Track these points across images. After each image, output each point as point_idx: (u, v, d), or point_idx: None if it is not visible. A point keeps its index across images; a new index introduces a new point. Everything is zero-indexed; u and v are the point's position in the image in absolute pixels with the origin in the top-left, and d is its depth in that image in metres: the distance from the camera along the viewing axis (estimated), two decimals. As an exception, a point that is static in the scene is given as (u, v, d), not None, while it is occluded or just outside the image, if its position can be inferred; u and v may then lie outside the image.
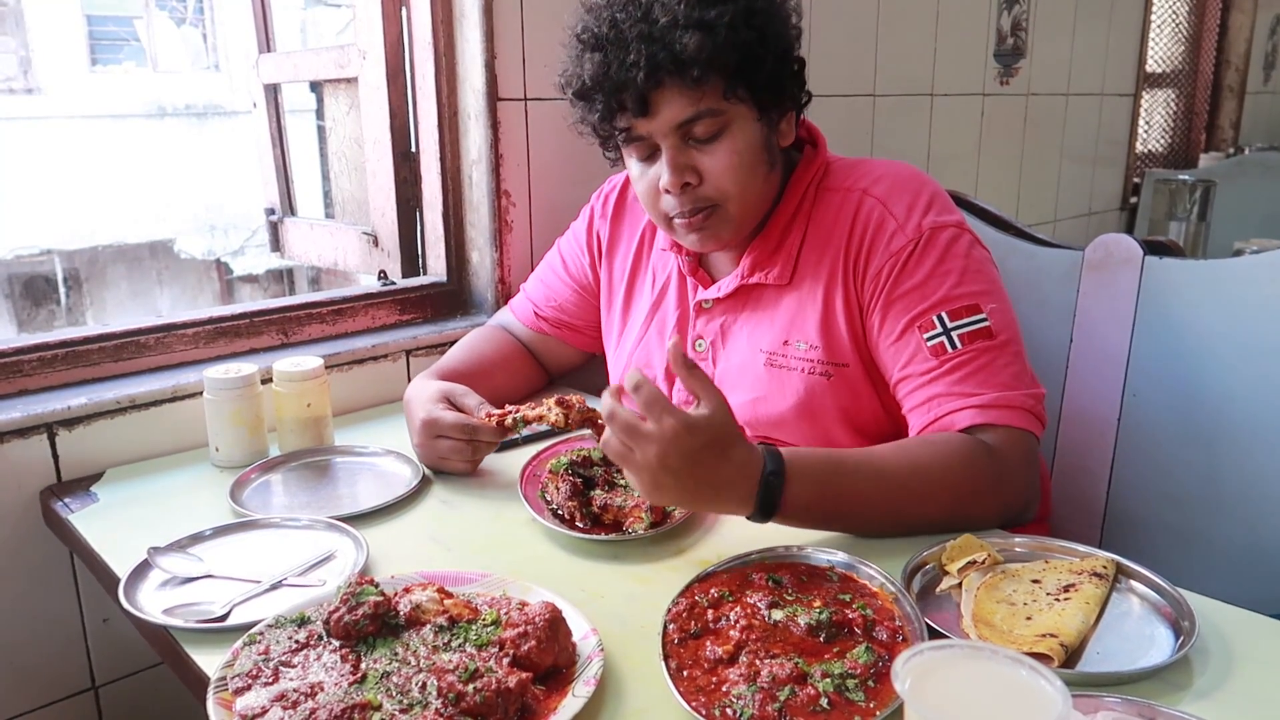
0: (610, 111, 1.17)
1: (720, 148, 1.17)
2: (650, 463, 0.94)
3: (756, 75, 1.15)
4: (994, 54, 2.82)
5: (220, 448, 1.34)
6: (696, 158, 1.18)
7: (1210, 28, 4.21)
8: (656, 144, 1.19)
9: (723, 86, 1.14)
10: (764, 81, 1.16)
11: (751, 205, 1.23)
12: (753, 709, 0.76)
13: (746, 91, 1.16)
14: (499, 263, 1.74)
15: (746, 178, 1.20)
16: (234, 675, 0.81)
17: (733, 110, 1.16)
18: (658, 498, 0.98)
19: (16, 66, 10.30)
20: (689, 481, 0.95)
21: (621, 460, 0.97)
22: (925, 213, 1.19)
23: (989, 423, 1.10)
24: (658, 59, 1.10)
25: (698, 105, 1.14)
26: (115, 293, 10.00)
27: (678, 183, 1.18)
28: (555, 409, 1.17)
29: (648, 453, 0.94)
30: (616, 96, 1.15)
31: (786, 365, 1.26)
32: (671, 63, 1.10)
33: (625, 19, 1.13)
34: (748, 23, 1.12)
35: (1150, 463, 1.51)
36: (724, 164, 1.17)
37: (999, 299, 1.17)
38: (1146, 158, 4.14)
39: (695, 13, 1.11)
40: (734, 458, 0.97)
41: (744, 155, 1.18)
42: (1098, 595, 0.92)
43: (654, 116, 1.15)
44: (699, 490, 0.97)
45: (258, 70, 2.25)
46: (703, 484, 0.97)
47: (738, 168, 1.18)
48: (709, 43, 1.10)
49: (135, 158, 9.93)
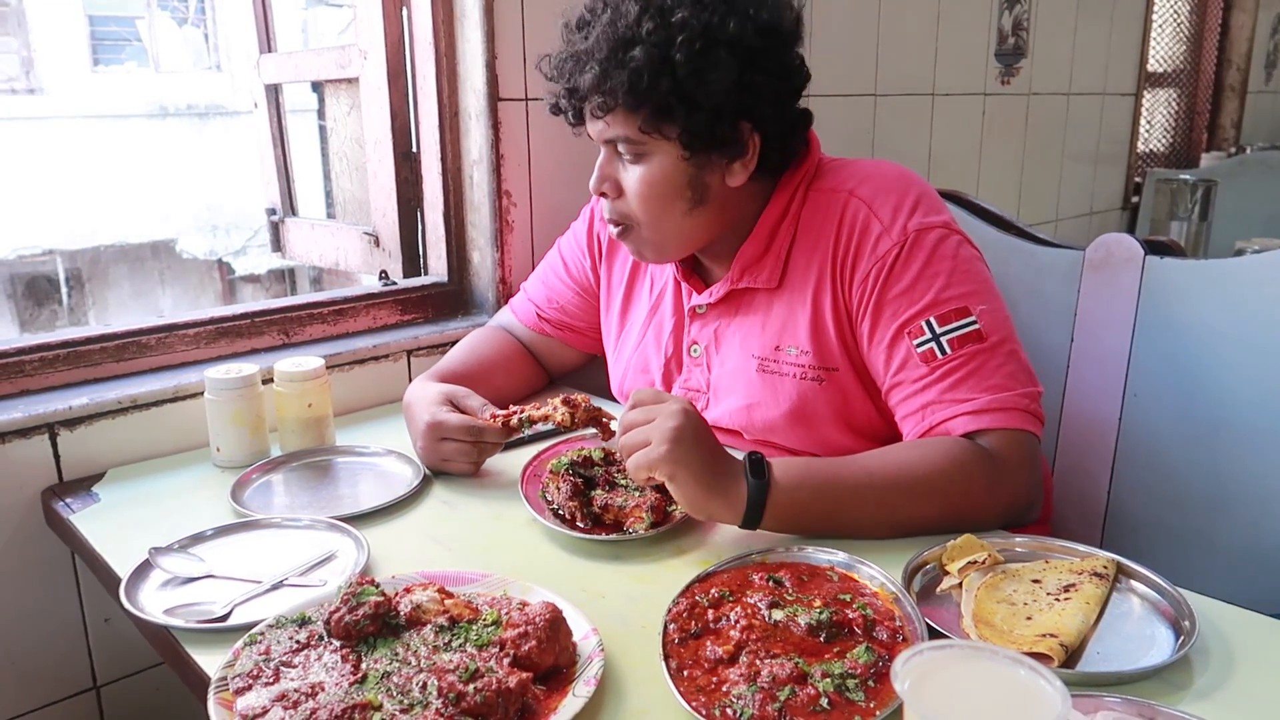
0: (556, 108, 1.24)
1: (635, 171, 1.20)
2: (673, 424, 1.01)
3: (673, 120, 1.15)
4: (995, 53, 2.82)
5: (221, 448, 1.34)
6: (620, 172, 1.22)
7: (1212, 27, 4.20)
8: None
9: (637, 122, 1.16)
10: (685, 127, 1.15)
11: (667, 236, 1.24)
12: (753, 709, 0.76)
13: (673, 130, 1.16)
14: (500, 263, 1.74)
15: (657, 209, 1.21)
16: (235, 675, 0.81)
17: (652, 143, 1.18)
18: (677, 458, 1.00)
19: (18, 66, 10.31)
20: (704, 449, 1.02)
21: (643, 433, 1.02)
22: (911, 214, 1.18)
23: (984, 427, 1.10)
24: (576, 79, 1.17)
25: (613, 129, 1.18)
26: (117, 293, 10.01)
27: (596, 186, 1.24)
28: (561, 408, 1.17)
29: (669, 410, 1.02)
30: (555, 101, 1.23)
31: (778, 371, 1.25)
32: (579, 90, 1.17)
33: (574, 33, 1.20)
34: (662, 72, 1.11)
35: (1151, 463, 1.51)
36: (634, 189, 1.21)
37: (989, 298, 1.16)
38: (1148, 157, 4.14)
39: (608, 50, 1.13)
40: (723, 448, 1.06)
41: (655, 187, 1.20)
42: (1098, 595, 0.92)
43: (588, 124, 1.22)
44: (707, 463, 1.02)
45: (259, 70, 2.25)
46: (710, 455, 1.03)
47: (646, 197, 1.20)
48: (605, 81, 1.14)
49: (137, 158, 9.94)
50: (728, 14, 1.13)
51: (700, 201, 1.22)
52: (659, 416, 1.03)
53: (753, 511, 1.02)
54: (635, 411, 1.05)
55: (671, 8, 1.13)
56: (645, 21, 1.12)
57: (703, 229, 1.25)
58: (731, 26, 1.12)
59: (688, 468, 1.01)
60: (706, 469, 1.02)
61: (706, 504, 1.03)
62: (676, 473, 1.01)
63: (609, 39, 1.13)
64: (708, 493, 1.02)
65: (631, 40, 1.12)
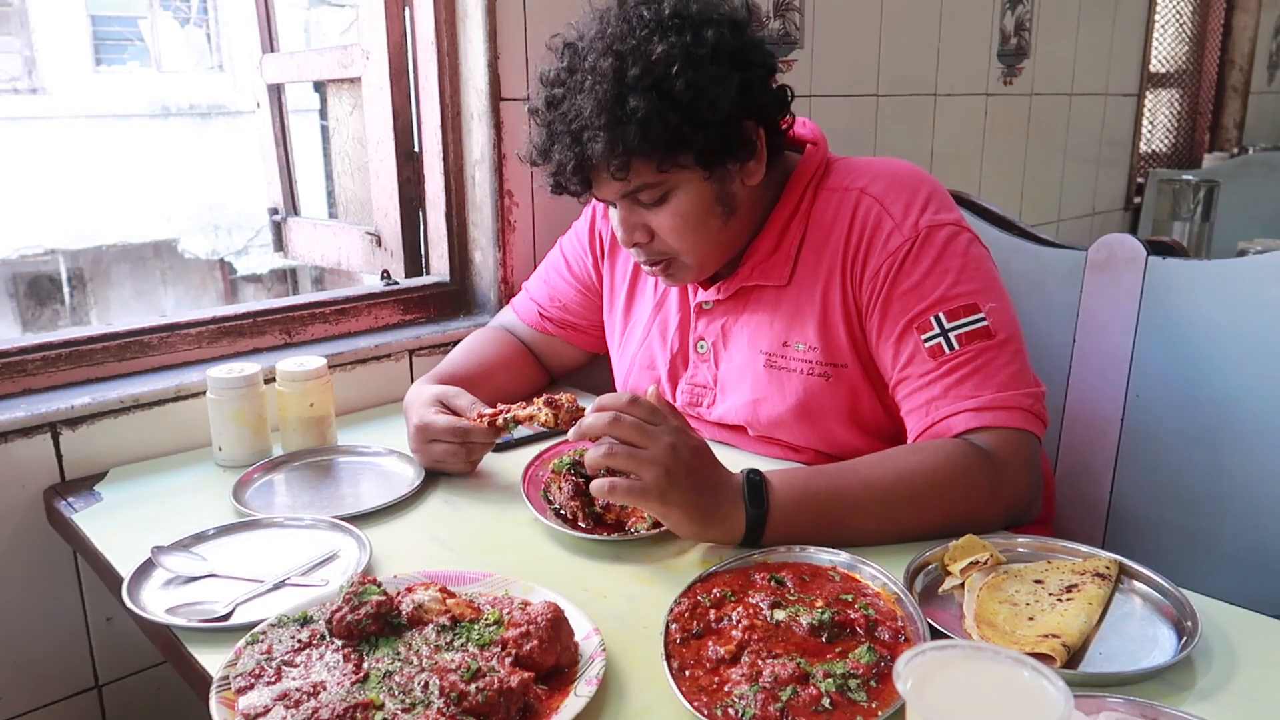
0: (557, 187, 1.20)
1: (665, 211, 1.19)
2: (664, 454, 0.97)
3: (690, 148, 1.13)
4: (997, 54, 2.82)
5: (223, 447, 1.34)
6: (647, 217, 1.20)
7: (1214, 28, 4.20)
8: None
9: (655, 164, 1.14)
10: (701, 148, 1.14)
11: (709, 255, 1.25)
12: (754, 709, 0.76)
13: (689, 158, 1.15)
14: (502, 263, 1.74)
15: (695, 236, 1.21)
16: (237, 674, 0.81)
17: (674, 178, 1.16)
18: (668, 495, 0.97)
19: (21, 66, 10.33)
20: (698, 478, 0.99)
21: (630, 461, 0.97)
22: (923, 211, 1.18)
23: (986, 425, 1.10)
24: (581, 158, 1.13)
25: (629, 185, 1.16)
26: (119, 292, 10.02)
27: (628, 241, 1.23)
28: (544, 409, 1.17)
29: (660, 443, 0.97)
30: (557, 179, 1.19)
31: (786, 366, 1.25)
32: (591, 160, 1.13)
33: (557, 103, 1.16)
34: (671, 106, 1.10)
35: (1153, 463, 1.51)
36: (669, 225, 1.20)
37: (998, 297, 1.17)
38: (1150, 158, 4.14)
39: (607, 114, 1.10)
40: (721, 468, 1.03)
41: (690, 216, 1.19)
42: (1100, 595, 0.92)
43: (599, 189, 1.19)
44: (702, 494, 0.99)
45: (261, 70, 2.25)
46: (705, 485, 1.00)
47: (683, 229, 1.20)
48: (619, 144, 1.10)
49: (139, 158, 9.95)
50: (698, 27, 1.12)
51: (731, 213, 1.23)
52: (650, 444, 0.97)
53: (751, 536, 1.02)
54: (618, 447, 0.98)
55: (643, 48, 1.10)
56: (629, 70, 1.10)
57: (739, 235, 1.26)
58: (709, 36, 1.12)
59: (679, 504, 0.98)
60: (700, 502, 0.99)
61: (700, 534, 1.03)
62: (667, 510, 0.99)
63: (600, 101, 1.10)
64: (701, 525, 1.01)
65: (623, 93, 1.10)
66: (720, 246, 1.25)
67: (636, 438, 0.98)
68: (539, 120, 1.19)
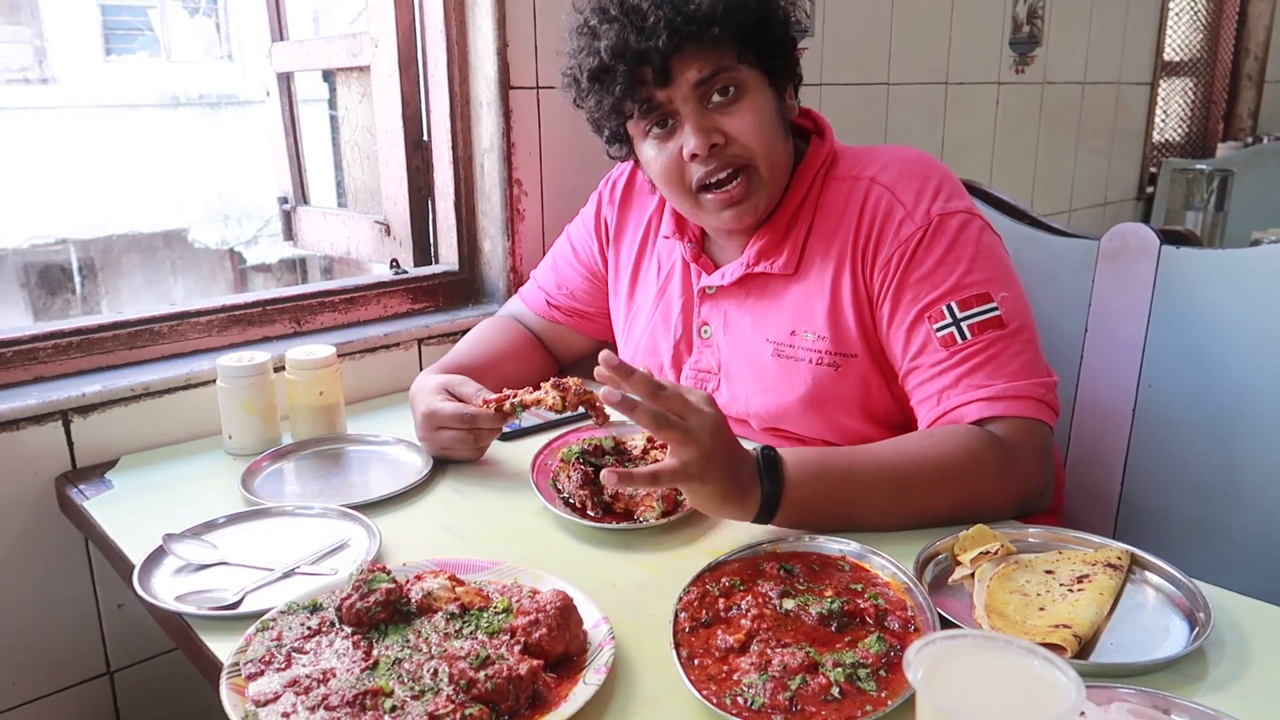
0: (631, 83, 1.16)
1: (741, 107, 1.18)
2: (707, 432, 0.96)
3: (765, 40, 1.17)
4: (1009, 42, 2.80)
5: (233, 435, 1.34)
6: (719, 120, 1.18)
7: (1229, 16, 4.16)
8: (675, 113, 1.18)
9: (736, 50, 1.16)
10: (771, 48, 1.18)
11: (779, 168, 1.23)
12: (764, 698, 0.76)
13: (756, 58, 1.17)
14: (511, 251, 1.74)
15: (771, 137, 1.20)
16: (247, 661, 0.82)
17: (746, 73, 1.18)
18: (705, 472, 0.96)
19: (31, 56, 10.35)
20: (730, 456, 0.99)
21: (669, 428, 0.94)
22: (934, 199, 1.18)
23: (998, 415, 1.09)
24: (676, 21, 1.12)
25: (716, 64, 1.15)
26: (130, 282, 10.05)
27: (705, 144, 1.17)
28: (552, 392, 1.17)
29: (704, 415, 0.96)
30: (637, 66, 1.15)
31: (794, 356, 1.25)
32: (690, 23, 1.12)
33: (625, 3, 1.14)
34: None
35: (1165, 454, 1.50)
36: (748, 122, 1.18)
37: (1010, 285, 1.16)
38: (1163, 147, 4.11)
39: None
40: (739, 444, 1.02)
41: (764, 115, 1.19)
42: (1112, 586, 0.92)
43: (674, 82, 1.16)
44: (732, 472, 0.99)
45: (271, 59, 2.25)
46: (734, 464, 0.99)
47: (760, 126, 1.19)
48: (722, 2, 1.12)
49: (149, 147, 9.96)
50: None
51: (787, 135, 1.24)
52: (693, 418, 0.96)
53: (765, 512, 1.02)
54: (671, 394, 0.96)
55: None
56: None
57: (789, 165, 1.26)
58: None
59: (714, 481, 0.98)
60: (729, 478, 0.98)
61: (719, 509, 1.02)
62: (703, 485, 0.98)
63: None
64: (725, 499, 1.00)
65: None
66: (788, 165, 1.25)
67: (679, 408, 0.96)
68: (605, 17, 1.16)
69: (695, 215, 1.27)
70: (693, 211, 1.26)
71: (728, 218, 1.22)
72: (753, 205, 1.22)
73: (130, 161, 9.76)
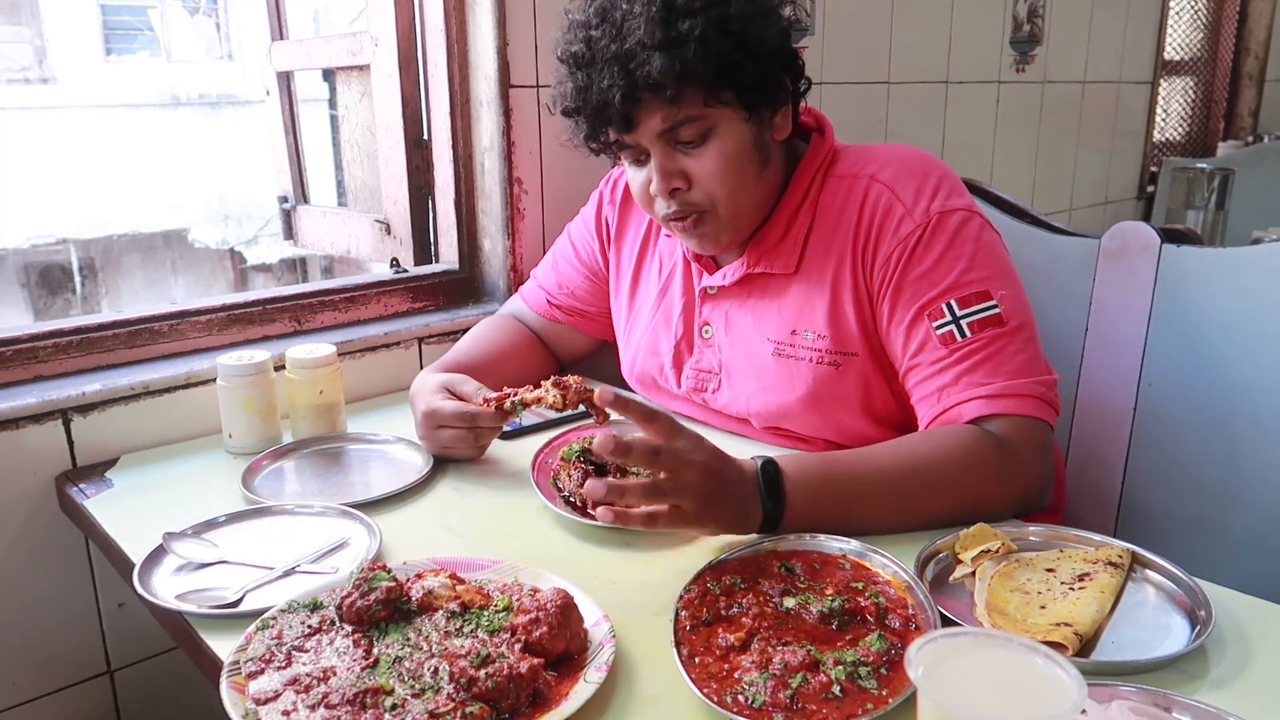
0: (595, 129, 1.18)
1: (707, 152, 1.17)
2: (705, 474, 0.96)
3: (737, 80, 1.13)
4: (1010, 41, 2.80)
5: (234, 434, 1.34)
6: (684, 162, 1.18)
7: (1230, 15, 4.15)
8: (646, 151, 1.19)
9: (702, 95, 1.13)
10: (747, 84, 1.14)
11: (744, 207, 1.22)
12: (764, 696, 0.76)
13: (731, 95, 1.14)
14: (511, 250, 1.74)
15: (735, 181, 1.19)
16: (247, 659, 0.82)
17: (716, 114, 1.15)
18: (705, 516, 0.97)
19: (32, 56, 10.35)
20: (726, 492, 0.98)
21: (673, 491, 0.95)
22: (933, 197, 1.18)
23: (998, 412, 1.09)
24: (631, 80, 1.11)
25: (676, 116, 1.14)
26: (130, 282, 10.05)
27: (665, 188, 1.18)
28: (553, 390, 1.17)
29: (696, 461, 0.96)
30: (598, 115, 1.15)
31: (795, 355, 1.25)
32: (644, 83, 1.10)
33: (599, 37, 1.13)
34: (723, 31, 1.10)
35: (1166, 452, 1.50)
36: (711, 168, 1.17)
37: (1010, 283, 1.16)
38: (1164, 146, 4.10)
39: (662, 32, 1.09)
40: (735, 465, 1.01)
41: (731, 158, 1.17)
42: (1113, 584, 0.91)
43: (637, 129, 1.16)
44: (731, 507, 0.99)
45: (270, 58, 2.25)
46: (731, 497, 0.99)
47: (725, 171, 1.17)
48: (677, 62, 1.09)
49: (149, 147, 9.97)
50: None
51: (765, 162, 1.22)
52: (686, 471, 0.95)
53: (768, 528, 1.02)
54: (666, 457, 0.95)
55: None
56: None
57: (769, 192, 1.25)
58: None
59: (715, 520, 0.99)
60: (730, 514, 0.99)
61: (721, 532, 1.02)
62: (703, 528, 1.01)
63: (653, 21, 1.09)
64: (724, 531, 1.01)
65: (676, 16, 1.09)
66: (755, 202, 1.23)
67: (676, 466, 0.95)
68: (574, 62, 1.16)
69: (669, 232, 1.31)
70: (666, 229, 1.31)
71: (692, 244, 1.28)
72: (713, 240, 1.25)
73: (130, 161, 9.76)
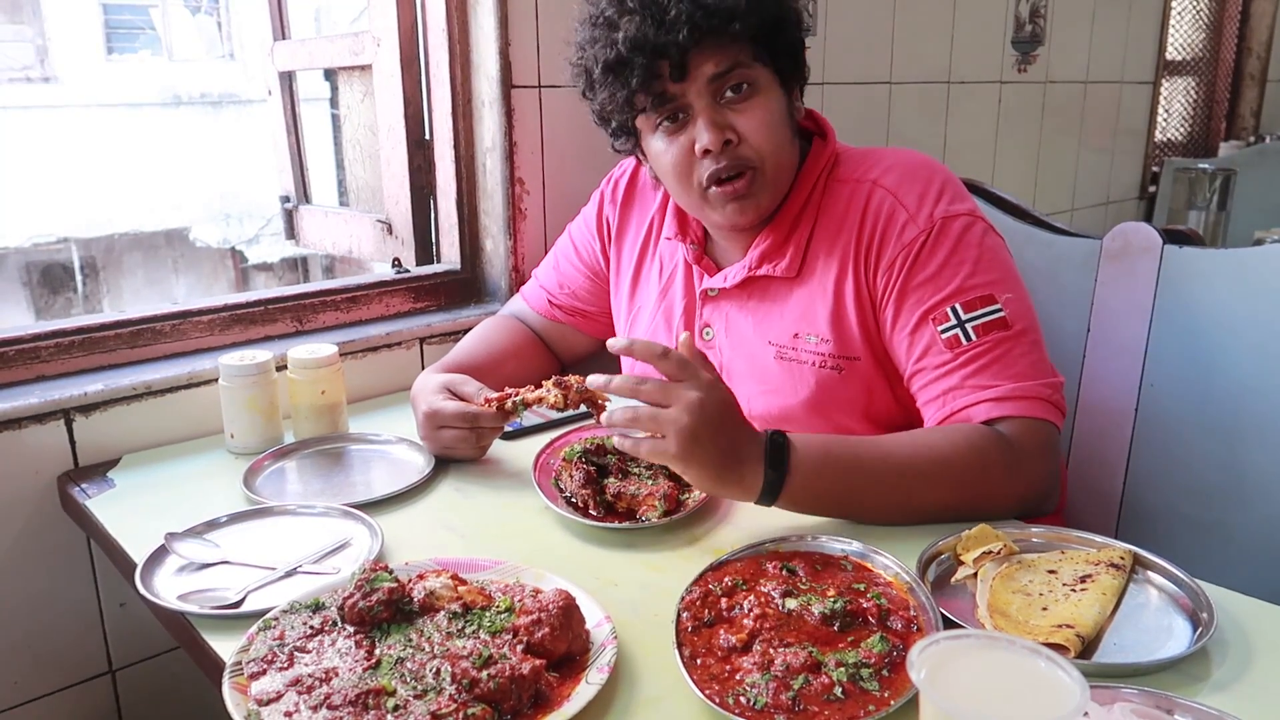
0: (647, 77, 1.15)
1: (753, 105, 1.18)
2: (689, 413, 0.96)
3: (779, 40, 1.18)
4: (1012, 41, 2.79)
5: (235, 434, 1.34)
6: (731, 117, 1.18)
7: (1232, 15, 4.15)
8: (687, 108, 1.18)
9: (751, 48, 1.16)
10: (784, 48, 1.19)
11: (784, 169, 1.23)
12: (766, 697, 0.76)
13: (769, 57, 1.18)
14: (513, 250, 1.74)
15: (779, 139, 1.21)
16: (249, 660, 0.82)
17: (760, 72, 1.18)
18: (690, 454, 0.97)
19: (33, 55, 10.36)
20: (721, 438, 0.98)
21: (653, 423, 0.97)
22: (937, 202, 1.18)
23: (1005, 415, 1.09)
24: (697, 16, 1.12)
25: (733, 60, 1.15)
26: (131, 281, 10.06)
27: (719, 139, 1.16)
28: (554, 390, 1.17)
29: (683, 401, 0.97)
30: (655, 59, 1.14)
31: (797, 359, 1.25)
32: (711, 18, 1.12)
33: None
34: None
35: (1168, 454, 1.50)
36: (758, 121, 1.18)
37: (1014, 287, 1.16)
38: (1166, 146, 4.10)
39: None
40: (746, 425, 1.02)
41: (774, 115, 1.20)
42: (1115, 586, 0.91)
43: (690, 77, 1.16)
44: (724, 453, 0.99)
45: (273, 58, 2.25)
46: (728, 444, 0.99)
47: (771, 125, 1.19)
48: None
49: (151, 146, 9.97)
50: None
51: (794, 137, 1.25)
52: (674, 404, 0.97)
53: (767, 495, 1.02)
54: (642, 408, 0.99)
55: None
56: None
57: (793, 170, 1.26)
58: None
59: (700, 463, 0.98)
60: (720, 459, 0.99)
61: (719, 489, 1.02)
62: (688, 468, 0.99)
63: None
64: (719, 481, 1.01)
65: None
66: (791, 167, 1.25)
67: (660, 398, 0.98)
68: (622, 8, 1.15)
69: (700, 210, 1.26)
70: (698, 206, 1.25)
71: (731, 211, 1.22)
72: (755, 203, 1.22)
73: (132, 160, 9.77)
